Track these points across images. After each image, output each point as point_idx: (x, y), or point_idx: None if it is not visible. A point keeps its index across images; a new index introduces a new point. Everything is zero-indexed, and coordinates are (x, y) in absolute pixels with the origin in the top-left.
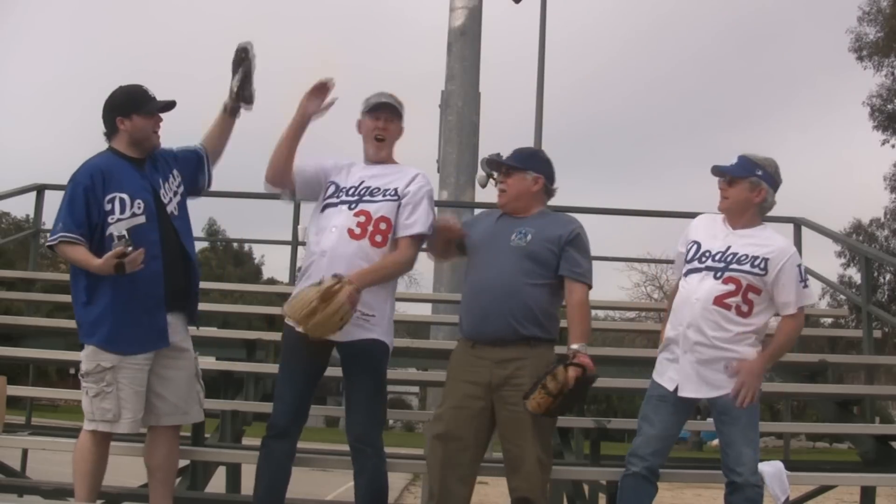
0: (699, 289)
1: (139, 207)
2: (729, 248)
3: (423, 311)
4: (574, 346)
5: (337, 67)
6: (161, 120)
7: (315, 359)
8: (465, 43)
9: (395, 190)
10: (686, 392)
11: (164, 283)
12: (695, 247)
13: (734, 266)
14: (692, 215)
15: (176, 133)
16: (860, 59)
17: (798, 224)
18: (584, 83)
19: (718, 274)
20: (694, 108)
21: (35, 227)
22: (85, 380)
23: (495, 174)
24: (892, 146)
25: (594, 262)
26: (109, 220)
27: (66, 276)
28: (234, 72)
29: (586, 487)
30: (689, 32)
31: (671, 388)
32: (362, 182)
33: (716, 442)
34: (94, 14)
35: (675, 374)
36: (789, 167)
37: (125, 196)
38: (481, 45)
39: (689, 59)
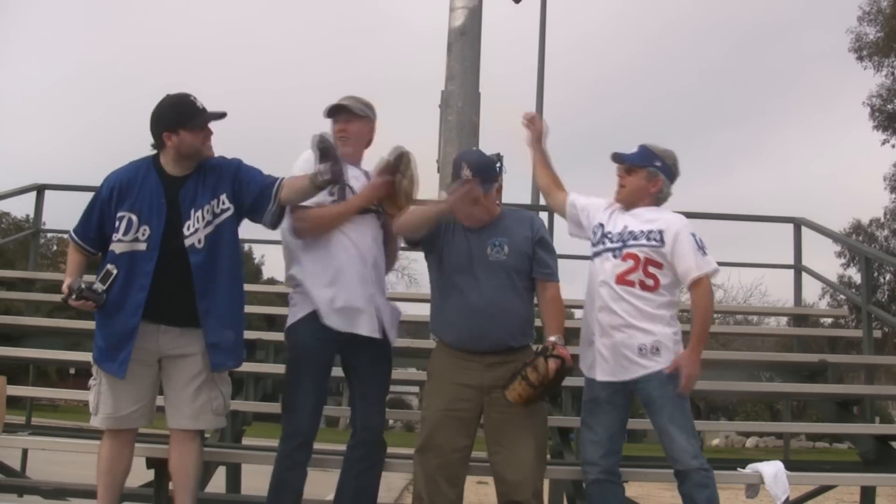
0: (602, 270)
1: (143, 233)
2: (626, 227)
3: (423, 311)
4: (552, 338)
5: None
6: (211, 132)
7: (329, 362)
8: (465, 43)
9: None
10: (605, 376)
11: (152, 314)
12: (600, 230)
13: (631, 242)
14: (691, 215)
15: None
16: (860, 59)
17: (798, 224)
18: (584, 82)
19: (616, 253)
20: (694, 108)
21: (35, 226)
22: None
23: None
24: (893, 146)
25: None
26: (113, 237)
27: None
28: (320, 160)
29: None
30: (690, 32)
31: (599, 380)
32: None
33: (716, 441)
34: (96, 14)
35: (597, 363)
36: (789, 167)
37: (134, 217)
38: (481, 45)
39: (689, 59)
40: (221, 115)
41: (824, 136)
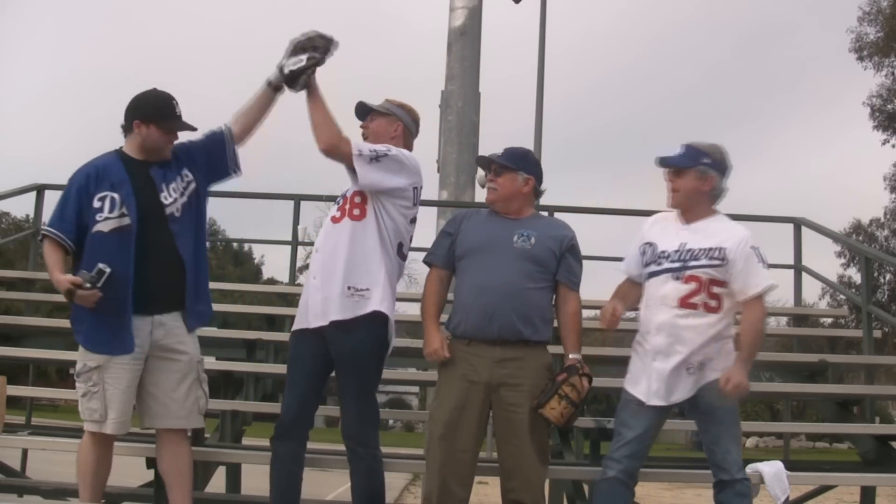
0: (662, 292)
1: (127, 209)
2: (684, 244)
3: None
4: (574, 356)
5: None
6: (177, 138)
7: (317, 360)
8: (465, 43)
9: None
10: (659, 401)
11: (143, 286)
12: (650, 249)
13: (692, 263)
14: None
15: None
16: (860, 59)
17: (798, 224)
18: (584, 83)
19: (678, 274)
20: (694, 107)
21: (35, 226)
22: (77, 380)
23: (486, 173)
24: (893, 146)
25: (594, 262)
26: (97, 217)
27: None
28: (295, 52)
29: (586, 487)
30: (690, 31)
31: (646, 401)
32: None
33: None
34: (98, 15)
35: (651, 386)
36: (790, 167)
37: (116, 196)
38: (481, 45)
39: (690, 58)
40: (192, 128)
41: (825, 137)
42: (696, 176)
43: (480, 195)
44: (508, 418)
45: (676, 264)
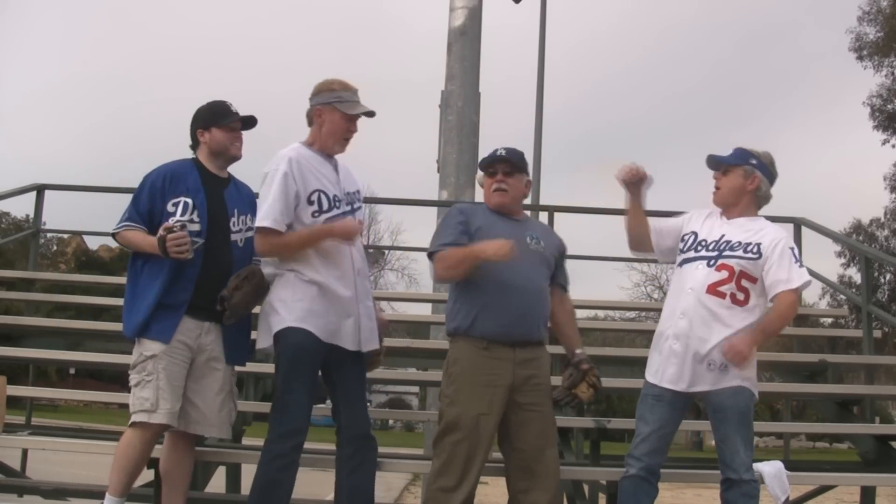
0: (692, 278)
1: (196, 216)
2: (723, 236)
3: (422, 311)
4: (581, 351)
5: None
6: (240, 135)
7: (321, 360)
8: (465, 43)
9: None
10: (679, 386)
11: (200, 291)
12: (692, 237)
13: (727, 253)
14: None
15: (175, 133)
16: (860, 58)
17: (798, 224)
18: (584, 82)
19: (711, 262)
20: (695, 107)
21: (35, 226)
22: (131, 372)
23: (493, 171)
24: (893, 146)
25: (594, 262)
26: (170, 220)
27: (66, 276)
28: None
29: (586, 487)
30: (690, 31)
31: (664, 386)
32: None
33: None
34: (100, 17)
35: (667, 369)
36: (790, 167)
37: (189, 201)
38: (481, 45)
39: (690, 58)
40: (250, 118)
41: (825, 137)
42: (742, 174)
43: (480, 195)
44: (530, 418)
45: (713, 253)
